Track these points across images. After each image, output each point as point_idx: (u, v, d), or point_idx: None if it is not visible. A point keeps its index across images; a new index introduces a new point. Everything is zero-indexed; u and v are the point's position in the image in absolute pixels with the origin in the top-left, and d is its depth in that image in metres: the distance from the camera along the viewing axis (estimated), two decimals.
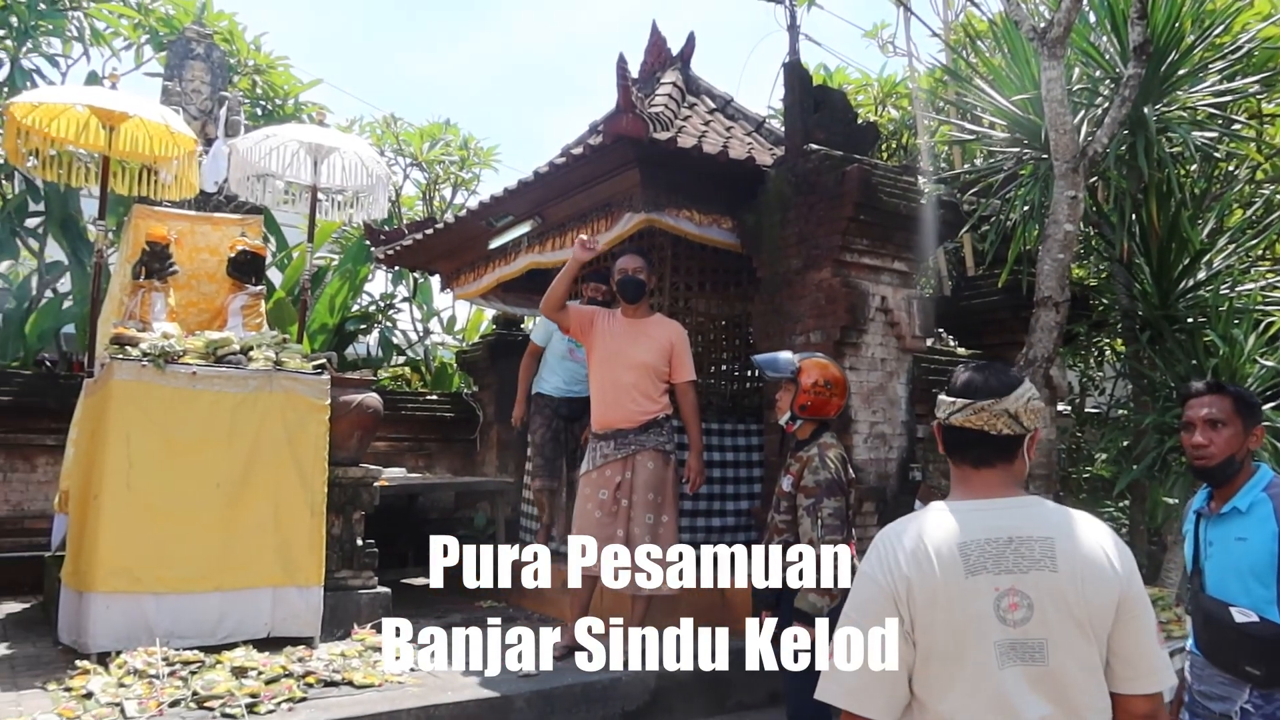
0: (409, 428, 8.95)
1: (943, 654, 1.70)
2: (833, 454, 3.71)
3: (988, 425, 1.80)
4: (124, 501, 4.75)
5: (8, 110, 5.75)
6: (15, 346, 9.09)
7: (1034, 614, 1.68)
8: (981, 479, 1.82)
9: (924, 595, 1.70)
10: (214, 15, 10.66)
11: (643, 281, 5.14)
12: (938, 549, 1.72)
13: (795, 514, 3.73)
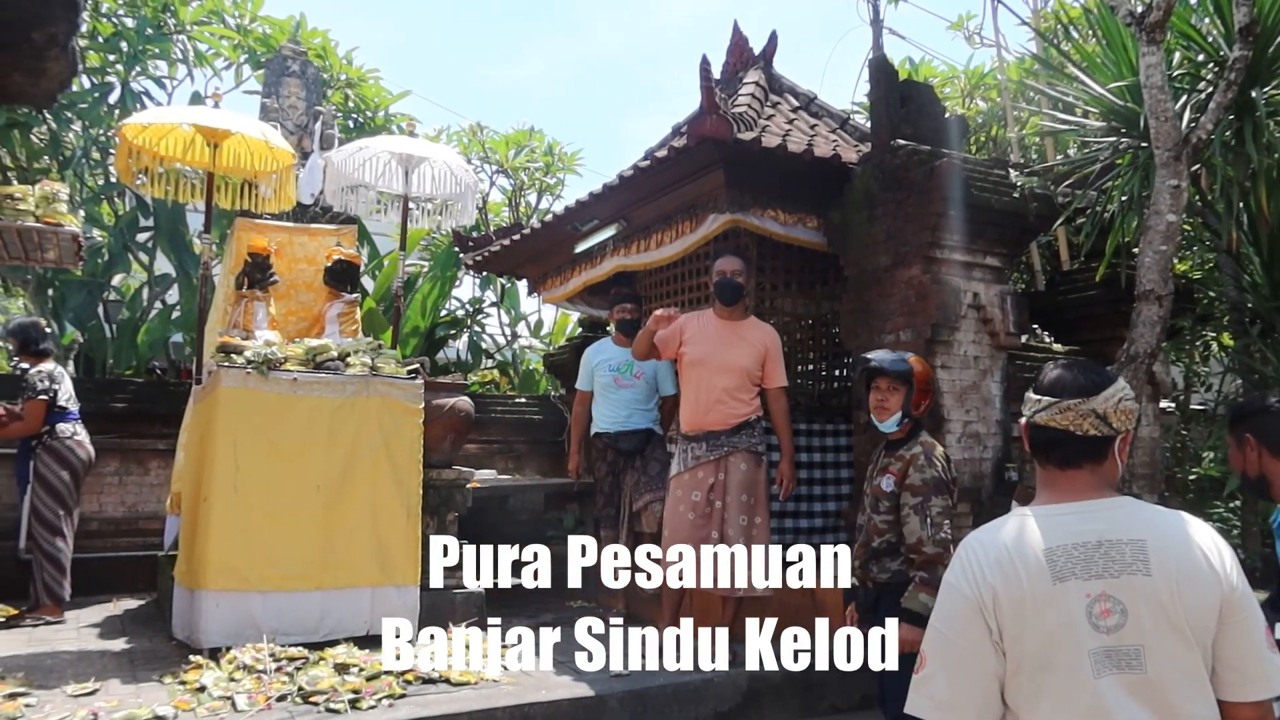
0: (498, 430, 9.10)
1: (1033, 664, 1.65)
2: (938, 452, 3.67)
3: (1073, 425, 1.75)
4: (231, 504, 4.95)
5: (120, 131, 6.04)
6: (128, 355, 9.54)
7: (1128, 620, 1.62)
8: (1068, 480, 1.76)
9: (1011, 604, 1.67)
10: (308, 33, 11.03)
11: (740, 285, 5.18)
12: (1023, 556, 1.68)
13: (898, 514, 3.68)
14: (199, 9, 10.43)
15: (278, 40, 10.43)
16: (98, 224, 10.05)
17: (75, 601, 6.23)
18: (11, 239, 4.95)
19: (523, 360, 12.17)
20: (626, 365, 5.93)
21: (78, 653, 5.11)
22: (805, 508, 6.37)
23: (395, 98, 11.92)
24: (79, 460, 6.14)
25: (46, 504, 5.99)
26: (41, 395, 5.94)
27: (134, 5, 10.00)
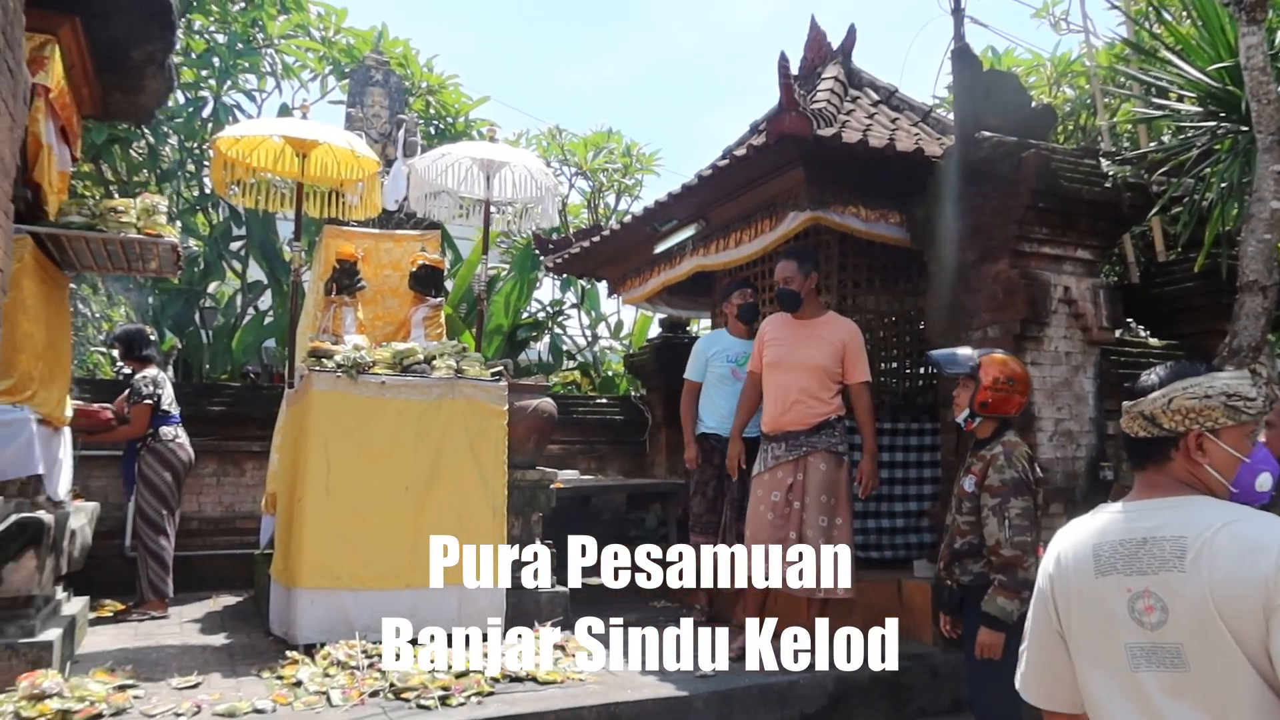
0: (580, 431, 9.17)
1: (1084, 655, 1.72)
2: (1019, 452, 3.58)
3: (1128, 428, 1.80)
4: (324, 504, 5.08)
5: (214, 144, 6.26)
6: (223, 361, 9.88)
7: (1169, 617, 1.60)
8: (1142, 480, 1.79)
9: (1063, 596, 1.76)
10: (390, 43, 11.26)
11: (795, 292, 5.15)
12: (1075, 550, 1.75)
13: (979, 515, 3.62)
14: (286, 23, 10.74)
15: (361, 51, 10.68)
16: (194, 234, 10.42)
17: (178, 597, 6.49)
18: (115, 250, 5.16)
19: (603, 361, 12.24)
20: (747, 357, 5.61)
21: (181, 647, 5.31)
22: (887, 508, 6.28)
23: (475, 103, 12.11)
24: (180, 462, 6.39)
25: (150, 504, 6.25)
26: (146, 400, 6.20)
27: (225, 22, 10.35)
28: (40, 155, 4.60)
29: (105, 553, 6.43)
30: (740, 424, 5.43)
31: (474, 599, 5.28)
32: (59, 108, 4.86)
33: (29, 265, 4.70)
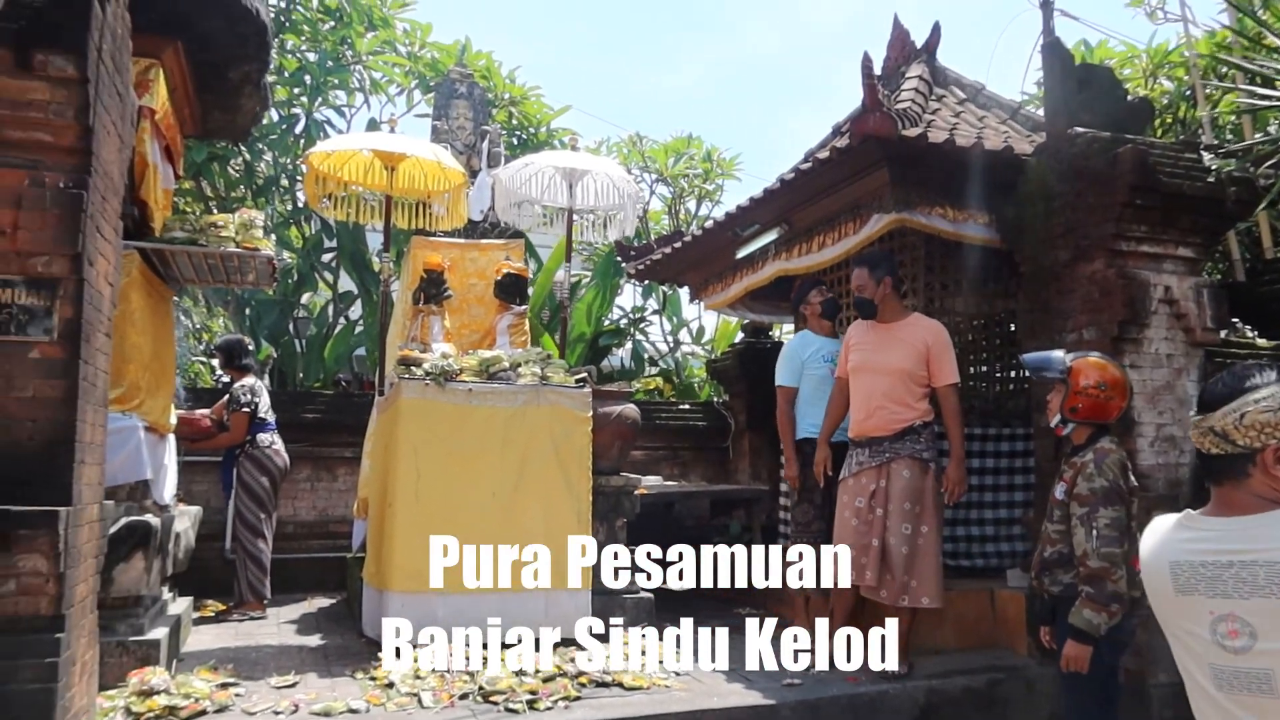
0: (663, 437, 9.18)
1: (1180, 664, 1.69)
2: (1111, 460, 3.46)
3: (1199, 443, 1.70)
4: (413, 509, 5.18)
5: (307, 160, 6.46)
6: (316, 369, 10.17)
7: (1257, 642, 1.52)
8: (1219, 495, 1.68)
9: (1154, 600, 1.73)
10: (473, 56, 11.48)
11: (867, 299, 5.12)
12: (1156, 561, 1.70)
13: (1069, 523, 3.51)
14: (374, 40, 11.03)
15: (445, 65, 10.91)
16: (288, 247, 10.77)
17: (274, 599, 6.70)
18: (215, 263, 5.36)
19: (685, 367, 12.23)
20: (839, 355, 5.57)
21: (278, 647, 5.47)
22: (977, 515, 6.13)
23: (556, 113, 12.25)
24: (277, 468, 6.59)
25: (249, 508, 6.46)
26: (245, 408, 6.43)
27: (316, 41, 10.68)
28: (146, 174, 4.80)
29: (207, 555, 6.66)
30: (828, 429, 5.35)
31: (560, 603, 5.32)
32: (163, 128, 5.07)
33: (136, 279, 4.91)
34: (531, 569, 5.29)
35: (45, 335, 3.25)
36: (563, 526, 5.38)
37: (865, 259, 5.30)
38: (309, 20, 10.65)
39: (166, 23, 4.74)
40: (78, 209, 3.27)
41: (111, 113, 3.59)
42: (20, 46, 3.16)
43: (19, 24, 3.06)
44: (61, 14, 3.23)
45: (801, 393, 5.56)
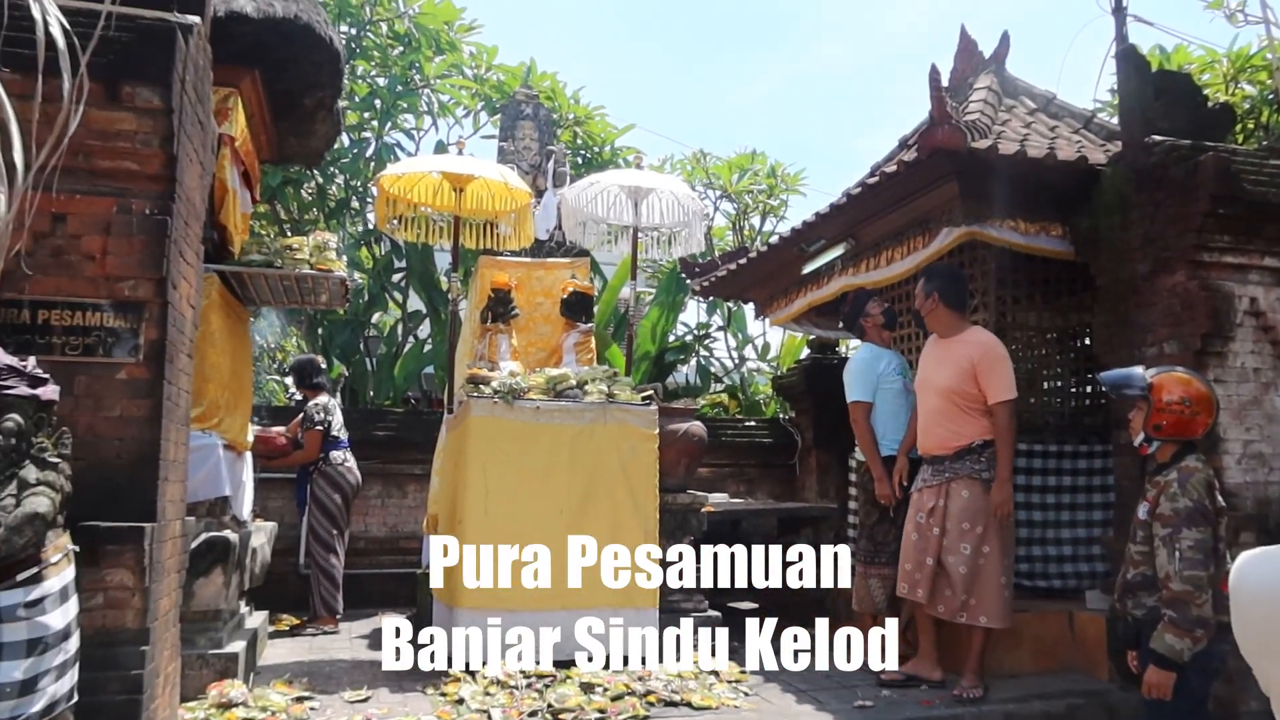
0: (729, 454, 9.14)
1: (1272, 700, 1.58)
2: (1196, 479, 3.33)
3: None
4: (482, 526, 5.23)
5: (378, 182, 6.59)
6: (386, 388, 10.35)
7: None
8: None
9: (1255, 640, 1.62)
10: (538, 77, 11.61)
11: (918, 312, 5.20)
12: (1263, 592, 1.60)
13: (1152, 544, 3.39)
14: (441, 64, 11.23)
15: (511, 86, 11.05)
16: (358, 267, 10.99)
17: (347, 614, 6.81)
18: (291, 285, 5.50)
19: (751, 384, 12.17)
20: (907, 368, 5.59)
21: (351, 661, 5.55)
22: (1054, 534, 5.97)
23: (620, 132, 12.33)
24: (349, 485, 6.72)
25: (322, 524, 6.59)
26: (318, 426, 6.57)
27: (385, 66, 10.92)
28: (226, 199, 4.95)
29: (282, 570, 6.81)
30: (907, 444, 5.33)
31: (627, 620, 5.31)
32: (242, 154, 5.23)
33: (216, 301, 5.06)
34: (599, 587, 5.31)
35: (132, 357, 3.36)
36: (629, 544, 5.38)
37: (923, 271, 5.33)
38: (379, 46, 10.90)
39: (244, 53, 4.89)
40: (162, 235, 3.39)
41: (194, 141, 3.71)
42: (109, 79, 3.29)
43: (109, 58, 3.18)
44: (147, 47, 3.36)
45: (878, 409, 5.43)
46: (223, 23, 4.53)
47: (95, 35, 2.31)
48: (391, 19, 10.91)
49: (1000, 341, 5.10)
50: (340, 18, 10.40)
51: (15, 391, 2.78)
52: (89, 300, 3.34)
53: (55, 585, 2.77)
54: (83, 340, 3.33)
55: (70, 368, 3.28)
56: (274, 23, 4.81)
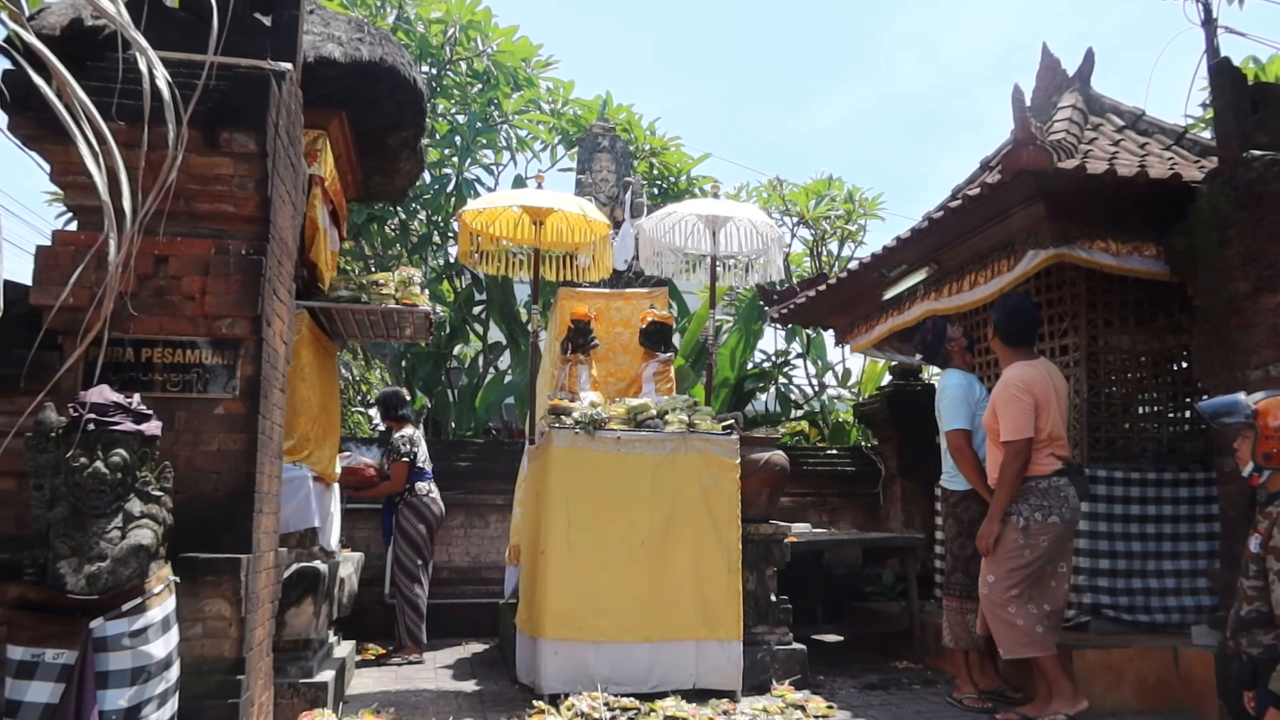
0: (811, 483, 9.01)
1: None
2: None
3: None
4: (565, 556, 5.24)
5: (460, 218, 6.73)
6: (468, 419, 10.49)
7: None
8: None
9: None
10: (614, 109, 11.75)
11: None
12: None
13: (1266, 579, 3.23)
14: (519, 100, 11.45)
15: (588, 120, 11.20)
16: (440, 301, 11.20)
17: (431, 643, 6.88)
18: (377, 319, 5.64)
19: (831, 411, 12.01)
20: None
21: (436, 692, 5.60)
22: (1155, 566, 5.74)
23: (696, 161, 12.38)
24: (434, 515, 6.81)
25: (407, 554, 6.68)
26: (404, 457, 6.68)
27: (465, 103, 11.17)
28: (316, 238, 5.10)
29: (368, 599, 6.91)
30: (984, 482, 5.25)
31: (711, 653, 5.26)
32: (331, 194, 5.39)
33: (306, 336, 5.20)
34: (682, 618, 5.28)
35: (228, 392, 3.47)
36: (713, 575, 5.34)
37: (995, 300, 5.38)
38: (459, 84, 11.16)
39: (332, 95, 5.05)
40: (257, 274, 3.50)
41: (286, 183, 3.83)
42: (208, 126, 3.42)
43: (207, 106, 3.31)
44: (243, 94, 3.49)
45: (976, 438, 5.27)
46: (312, 67, 4.69)
47: (199, 86, 2.40)
48: (471, 58, 11.17)
49: (1018, 380, 4.87)
50: (421, 58, 10.68)
51: (121, 427, 2.89)
52: (188, 338, 3.47)
53: (158, 615, 2.86)
54: (182, 377, 3.44)
55: (171, 403, 3.40)
56: (360, 66, 4.96)
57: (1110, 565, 5.66)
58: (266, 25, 3.72)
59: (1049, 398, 4.83)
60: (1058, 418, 4.86)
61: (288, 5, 3.81)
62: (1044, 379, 4.88)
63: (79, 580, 2.71)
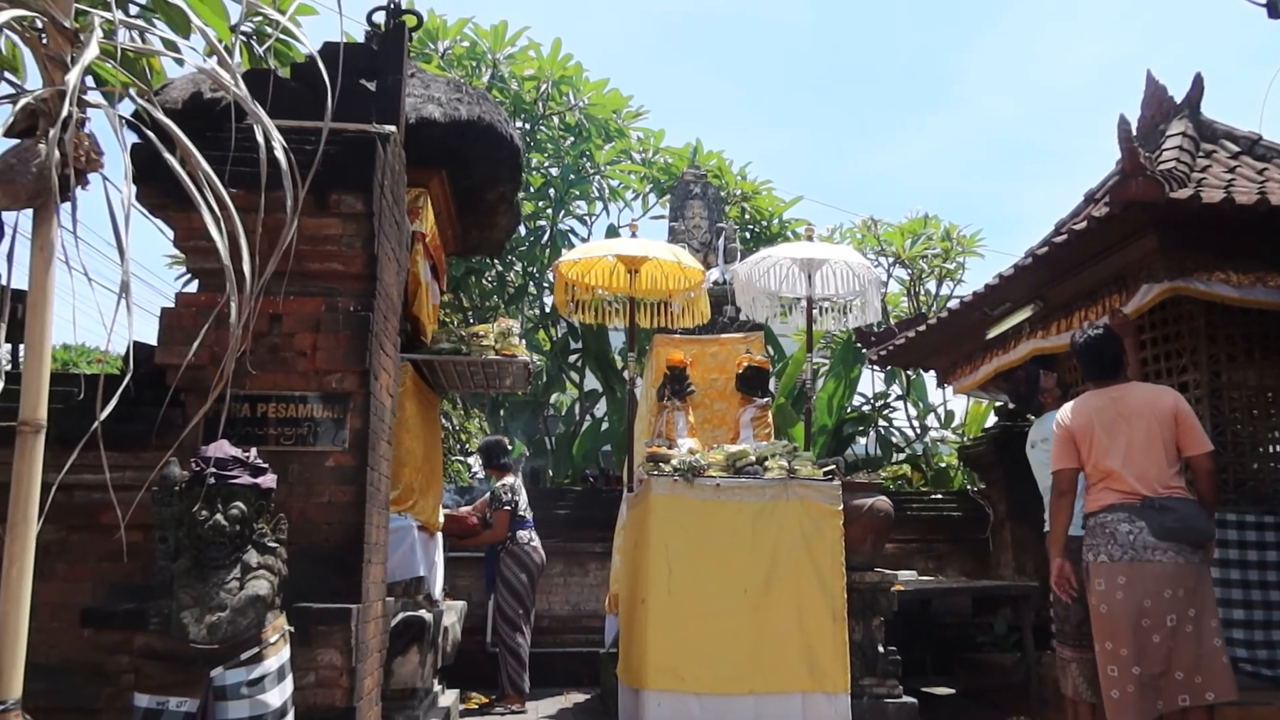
0: (915, 529, 8.77)
1: None
2: None
3: None
4: (666, 605, 5.19)
5: (556, 269, 6.84)
6: (565, 466, 10.57)
7: None
8: None
9: None
10: (705, 156, 11.84)
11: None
12: None
13: None
14: (611, 150, 11.64)
15: (678, 167, 11.30)
16: (537, 350, 11.37)
17: (533, 693, 6.87)
18: (478, 370, 5.74)
19: (934, 454, 11.70)
20: None
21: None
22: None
23: (788, 204, 12.37)
24: (535, 564, 6.84)
25: (509, 603, 6.72)
26: (506, 506, 6.75)
27: (558, 156, 11.41)
28: (419, 292, 5.24)
29: (470, 647, 6.95)
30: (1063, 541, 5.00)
31: (817, 706, 5.11)
32: (432, 249, 5.54)
33: (410, 388, 5.32)
34: (787, 670, 5.16)
35: (338, 445, 3.56)
36: (817, 625, 5.21)
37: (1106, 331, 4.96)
38: (552, 138, 11.41)
39: (433, 154, 5.21)
40: (365, 330, 3.60)
41: (391, 240, 3.95)
42: (318, 189, 3.56)
43: (318, 169, 3.44)
44: (351, 157, 3.63)
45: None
46: (413, 128, 4.85)
47: (314, 152, 2.50)
48: (563, 112, 11.42)
49: (1061, 413, 4.51)
50: (515, 114, 10.96)
51: (239, 481, 2.99)
52: (300, 393, 3.58)
53: (274, 664, 2.93)
54: (295, 430, 3.55)
55: (284, 456, 3.51)
56: (459, 125, 5.11)
57: (1245, 616, 5.33)
58: (371, 90, 3.87)
59: (1089, 429, 4.31)
60: (1110, 448, 4.27)
61: (391, 71, 3.96)
62: (1087, 409, 4.37)
63: (200, 630, 2.80)
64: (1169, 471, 4.16)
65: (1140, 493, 4.17)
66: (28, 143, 2.01)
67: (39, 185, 1.97)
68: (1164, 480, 4.15)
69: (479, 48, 11.09)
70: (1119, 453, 4.24)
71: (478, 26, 11.10)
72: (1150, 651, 3.98)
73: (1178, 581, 4.01)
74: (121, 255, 2.06)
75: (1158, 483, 4.15)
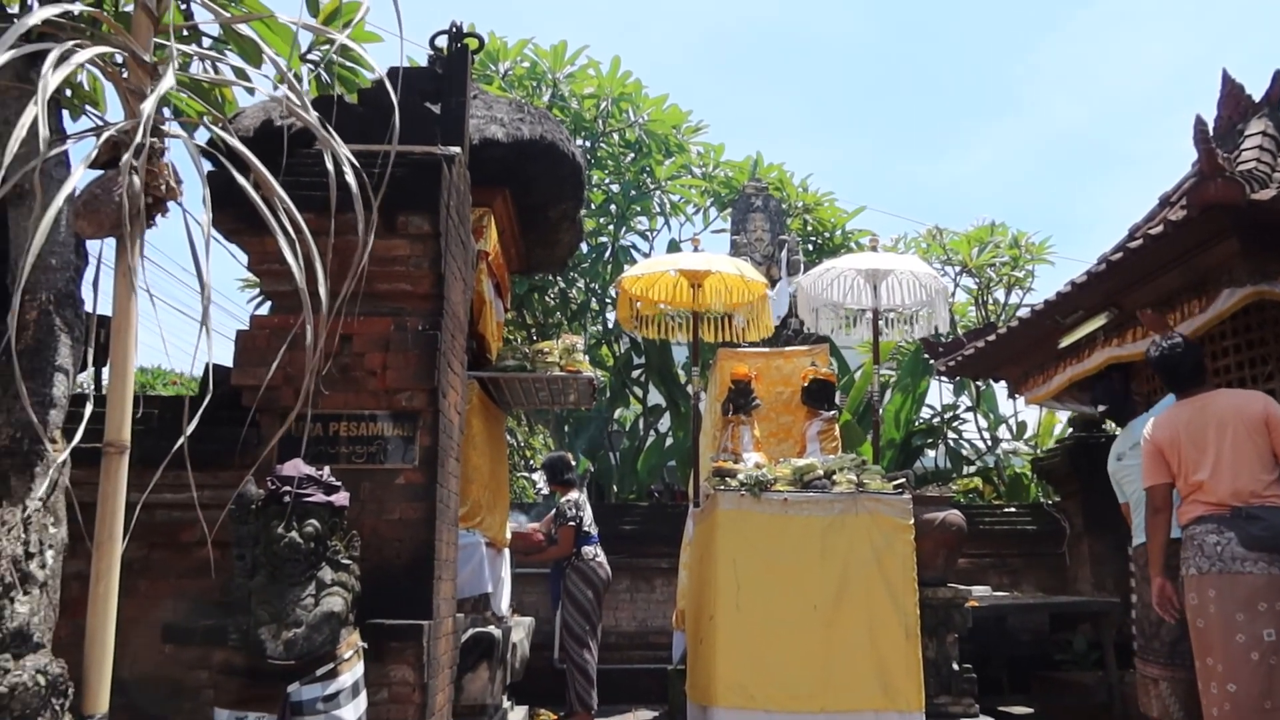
0: (988, 543, 8.57)
1: None
2: None
3: None
4: (735, 621, 5.14)
5: (619, 284, 6.86)
6: (630, 482, 10.57)
7: None
8: None
9: None
10: (765, 169, 11.80)
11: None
12: None
13: None
14: (671, 165, 11.66)
15: (739, 181, 11.28)
16: (600, 365, 11.41)
17: (600, 709, 6.84)
18: (543, 387, 5.78)
19: (1006, 466, 11.44)
20: None
21: None
22: None
23: (850, 215, 12.26)
24: (600, 580, 6.83)
25: (575, 619, 6.72)
26: (571, 522, 6.76)
27: (619, 173, 11.47)
28: (484, 310, 5.29)
29: (537, 663, 6.96)
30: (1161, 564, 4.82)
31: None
32: (495, 268, 5.60)
33: (476, 405, 5.38)
34: (859, 687, 5.07)
35: (408, 463, 3.61)
36: (889, 641, 5.11)
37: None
38: (613, 155, 11.48)
39: (496, 174, 5.27)
40: (433, 348, 3.65)
41: (457, 260, 4.00)
42: (386, 210, 3.62)
43: (386, 191, 3.51)
44: (418, 179, 3.69)
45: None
46: (477, 149, 4.92)
47: (382, 176, 2.55)
48: (623, 128, 11.49)
49: (1147, 428, 4.35)
50: (576, 132, 11.05)
51: (314, 499, 3.04)
52: (371, 411, 3.64)
53: (348, 680, 2.96)
54: (366, 449, 3.61)
55: (356, 474, 3.56)
56: (522, 145, 5.16)
57: None
58: (436, 113, 3.93)
59: (1175, 441, 4.16)
60: (1198, 460, 4.11)
61: (455, 93, 4.02)
62: (1173, 421, 4.22)
63: (277, 646, 2.84)
64: (1263, 479, 3.96)
65: (1230, 504, 4.01)
66: (110, 173, 2.08)
67: (121, 214, 2.03)
68: (1256, 489, 3.97)
69: (539, 68, 11.22)
70: (1207, 464, 4.08)
71: (538, 47, 11.24)
72: (1248, 670, 3.78)
73: (1272, 594, 3.82)
74: (201, 283, 2.11)
75: (1249, 492, 3.97)
